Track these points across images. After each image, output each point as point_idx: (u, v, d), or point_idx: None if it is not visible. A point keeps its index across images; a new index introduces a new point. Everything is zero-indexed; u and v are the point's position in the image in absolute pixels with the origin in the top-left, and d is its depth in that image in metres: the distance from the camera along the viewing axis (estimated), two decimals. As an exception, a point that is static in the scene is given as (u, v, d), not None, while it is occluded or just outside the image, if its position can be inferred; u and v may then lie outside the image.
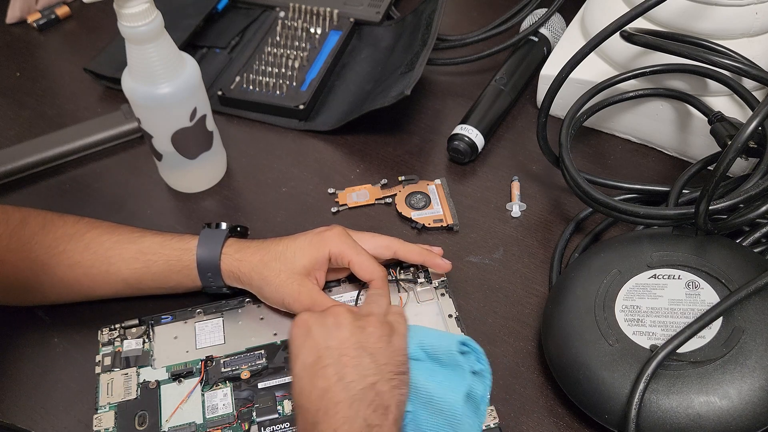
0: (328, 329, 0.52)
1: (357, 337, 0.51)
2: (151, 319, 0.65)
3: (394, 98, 0.74)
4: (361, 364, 0.50)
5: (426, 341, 0.53)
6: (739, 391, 0.52)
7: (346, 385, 0.49)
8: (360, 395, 0.48)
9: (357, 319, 0.53)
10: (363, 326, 0.52)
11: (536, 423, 0.58)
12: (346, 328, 0.52)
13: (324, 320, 0.52)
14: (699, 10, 0.67)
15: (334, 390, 0.48)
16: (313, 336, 0.52)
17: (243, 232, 0.68)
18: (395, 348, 0.52)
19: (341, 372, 0.49)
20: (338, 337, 0.51)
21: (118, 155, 0.82)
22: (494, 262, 0.69)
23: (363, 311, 0.55)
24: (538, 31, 0.83)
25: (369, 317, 0.53)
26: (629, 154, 0.77)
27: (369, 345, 0.51)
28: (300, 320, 0.53)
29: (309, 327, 0.52)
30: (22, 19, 0.99)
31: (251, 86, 0.84)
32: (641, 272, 0.60)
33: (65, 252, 0.62)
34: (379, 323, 0.53)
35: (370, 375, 0.49)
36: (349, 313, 0.53)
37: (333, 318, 0.52)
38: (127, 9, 0.62)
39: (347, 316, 0.53)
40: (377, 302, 0.56)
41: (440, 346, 0.53)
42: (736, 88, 0.67)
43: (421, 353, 0.53)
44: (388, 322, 0.54)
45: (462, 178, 0.76)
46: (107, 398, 0.59)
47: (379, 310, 0.55)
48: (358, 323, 0.52)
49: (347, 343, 0.51)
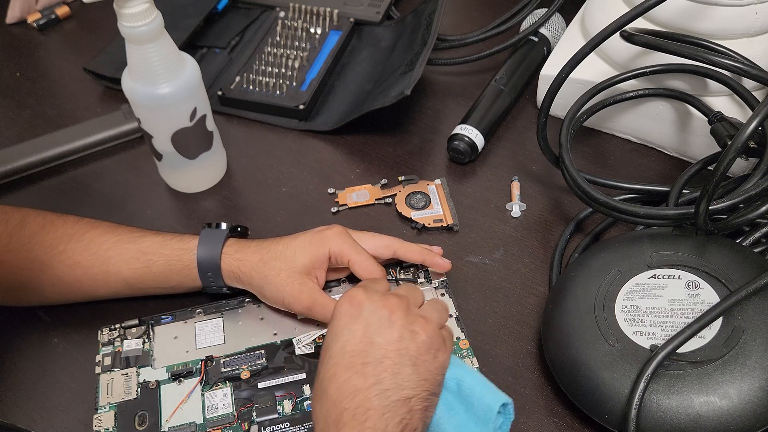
0: (380, 322, 0.49)
1: (405, 343, 0.48)
2: (151, 319, 0.65)
3: (394, 98, 0.74)
4: (401, 372, 0.47)
5: (467, 379, 0.50)
6: (739, 391, 0.52)
7: (381, 392, 0.46)
8: (393, 407, 0.46)
9: (411, 322, 0.50)
10: (415, 332, 0.49)
11: (536, 423, 0.58)
12: (397, 328, 0.49)
13: (379, 310, 0.49)
14: (699, 10, 0.67)
15: (367, 393, 0.46)
16: (362, 321, 0.49)
17: (243, 232, 0.68)
18: (438, 365, 0.49)
19: (380, 375, 0.47)
20: (387, 335, 0.48)
21: (118, 155, 0.82)
22: (494, 262, 0.69)
23: (422, 312, 0.51)
24: (538, 31, 0.83)
25: (425, 324, 0.50)
26: (629, 154, 0.77)
27: (414, 354, 0.48)
28: (355, 298, 0.50)
29: (361, 310, 0.50)
30: (22, 19, 0.99)
31: (251, 86, 0.84)
32: (641, 272, 0.60)
33: (65, 252, 0.62)
34: (433, 333, 0.50)
35: (408, 388, 0.47)
36: (405, 312, 0.50)
37: (388, 311, 0.49)
38: (127, 9, 0.62)
39: (402, 315, 0.49)
40: (440, 310, 0.53)
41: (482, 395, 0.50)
42: (736, 88, 0.67)
43: (454, 385, 0.50)
44: (441, 334, 0.51)
45: (462, 178, 0.76)
46: (107, 398, 0.59)
47: (437, 318, 0.52)
48: (411, 326, 0.49)
49: (393, 346, 0.48)
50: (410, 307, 0.51)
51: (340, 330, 0.50)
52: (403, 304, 0.51)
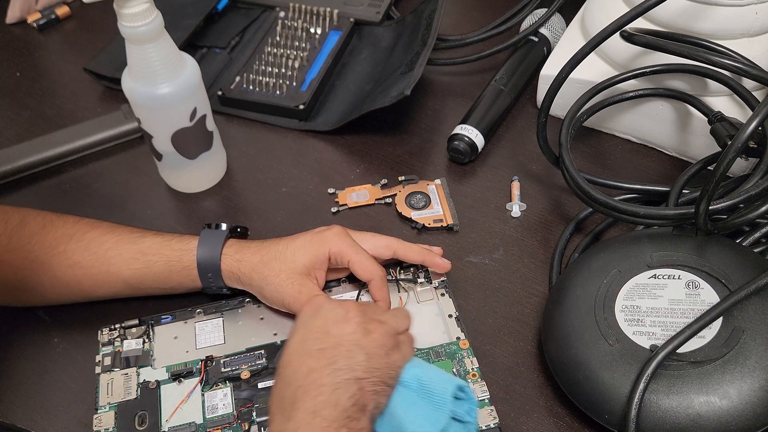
0: (336, 318, 0.52)
1: (358, 336, 0.51)
2: (151, 319, 0.65)
3: (394, 98, 0.74)
4: (354, 357, 0.50)
5: (425, 376, 0.52)
6: (739, 391, 0.52)
7: (334, 371, 0.49)
8: (345, 384, 0.48)
9: (367, 321, 0.52)
10: (370, 330, 0.52)
11: (536, 423, 0.58)
12: (352, 324, 0.52)
13: (336, 309, 0.53)
14: (699, 10, 0.67)
15: (321, 372, 0.49)
16: (320, 317, 0.52)
17: (243, 232, 0.68)
18: (391, 361, 0.52)
19: (333, 358, 0.49)
20: (342, 329, 0.51)
21: (118, 155, 0.82)
22: (494, 262, 0.69)
23: (379, 317, 0.54)
24: (538, 31, 0.83)
25: (380, 325, 0.53)
26: (629, 154, 0.77)
27: (367, 347, 0.51)
28: (314, 301, 0.54)
29: (319, 308, 0.53)
30: (22, 19, 0.99)
31: (251, 86, 0.84)
32: (641, 272, 0.59)
33: (65, 252, 0.62)
34: (387, 334, 0.52)
35: (360, 371, 0.49)
36: (361, 313, 0.53)
37: (344, 311, 0.52)
38: (127, 9, 0.62)
39: (358, 314, 0.52)
40: (397, 317, 0.56)
41: (437, 383, 0.52)
42: (736, 88, 0.67)
43: (414, 383, 0.52)
44: (396, 338, 0.53)
45: (462, 178, 0.76)
46: (107, 398, 0.59)
47: (394, 324, 0.54)
48: (367, 326, 0.52)
49: (347, 338, 0.51)
50: (366, 311, 0.54)
51: (300, 325, 0.53)
52: (360, 307, 0.54)
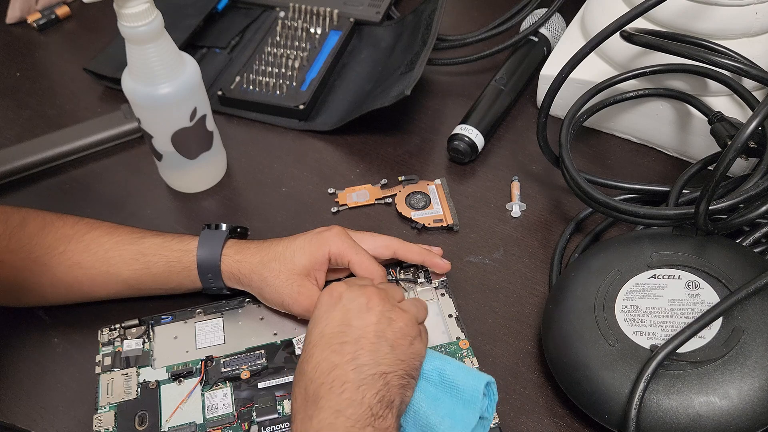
0: (359, 307, 0.50)
1: (382, 326, 0.50)
2: (151, 319, 0.65)
3: (394, 98, 0.74)
4: (378, 351, 0.48)
5: (447, 369, 0.52)
6: (739, 391, 0.52)
7: (358, 367, 0.47)
8: (370, 380, 0.47)
9: (389, 310, 0.51)
10: (393, 319, 0.51)
11: (536, 423, 0.58)
12: (375, 314, 0.50)
13: (357, 298, 0.51)
14: (699, 10, 0.67)
15: (345, 368, 0.47)
16: (340, 308, 0.51)
17: (243, 232, 0.68)
18: (415, 351, 0.50)
19: (357, 353, 0.48)
20: (365, 319, 0.50)
21: (118, 155, 0.82)
22: (494, 262, 0.69)
23: (401, 305, 0.53)
24: (538, 31, 0.83)
25: (403, 313, 0.52)
26: (629, 154, 0.77)
27: (391, 338, 0.50)
28: (334, 288, 0.52)
29: (340, 297, 0.51)
30: (22, 19, 0.99)
31: (251, 86, 0.84)
32: (641, 272, 0.59)
33: (65, 253, 0.62)
34: (410, 323, 0.51)
35: (384, 364, 0.48)
36: (384, 301, 0.51)
37: (366, 299, 0.51)
38: (127, 9, 0.62)
39: (380, 303, 0.51)
40: (418, 306, 0.55)
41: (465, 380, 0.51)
42: (736, 88, 0.67)
43: (435, 375, 0.52)
44: (418, 326, 0.52)
45: (462, 178, 0.76)
46: (107, 398, 0.59)
47: (415, 313, 0.53)
48: (390, 314, 0.51)
49: (371, 328, 0.49)
50: (388, 298, 0.52)
51: (319, 317, 0.51)
52: (381, 294, 0.52)
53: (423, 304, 0.56)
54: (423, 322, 0.55)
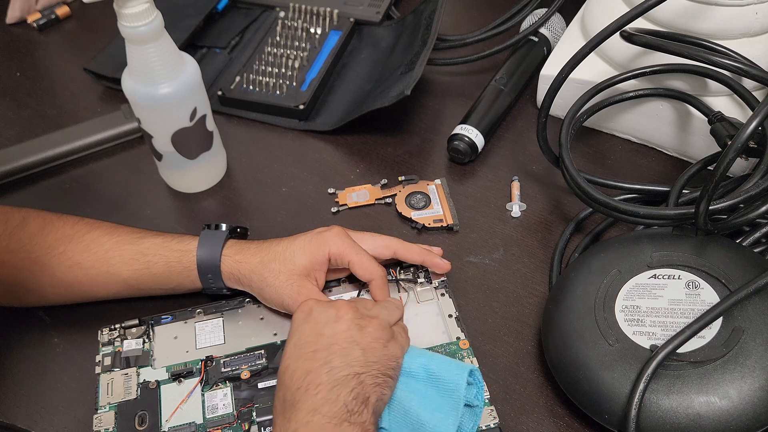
0: (328, 319, 0.53)
1: (352, 333, 0.52)
2: (151, 319, 0.65)
3: (394, 98, 0.74)
4: (350, 354, 0.51)
5: (433, 365, 0.53)
6: (739, 391, 0.52)
7: (331, 369, 0.50)
8: (343, 381, 0.49)
9: (359, 318, 0.53)
10: (363, 325, 0.53)
11: (536, 423, 0.58)
12: (344, 322, 0.53)
13: (326, 310, 0.54)
14: (699, 10, 0.67)
15: (318, 372, 0.49)
16: (311, 321, 0.53)
17: (243, 233, 0.68)
18: (389, 352, 0.52)
19: (328, 357, 0.50)
20: (335, 328, 0.52)
21: (118, 155, 0.82)
22: (494, 262, 0.69)
23: (370, 312, 0.55)
24: (538, 31, 0.83)
25: (372, 319, 0.54)
26: (629, 154, 0.77)
27: (363, 342, 0.52)
28: (305, 304, 0.55)
29: (310, 311, 0.54)
30: (22, 19, 0.99)
31: (251, 86, 0.84)
32: (641, 272, 0.59)
33: (65, 253, 0.62)
34: (380, 327, 0.54)
35: (357, 366, 0.50)
36: (353, 310, 0.54)
37: (335, 311, 0.53)
38: (127, 9, 0.62)
39: (350, 312, 0.53)
40: (389, 309, 0.57)
41: (449, 372, 0.53)
42: (736, 88, 0.67)
43: (422, 372, 0.53)
44: (390, 329, 0.54)
45: (462, 178, 0.76)
46: (107, 398, 0.59)
47: (386, 317, 0.56)
48: (359, 321, 0.53)
49: (341, 336, 0.52)
50: (357, 308, 0.55)
51: (293, 331, 0.54)
52: (350, 305, 0.54)
53: (396, 304, 0.59)
54: (399, 321, 0.57)
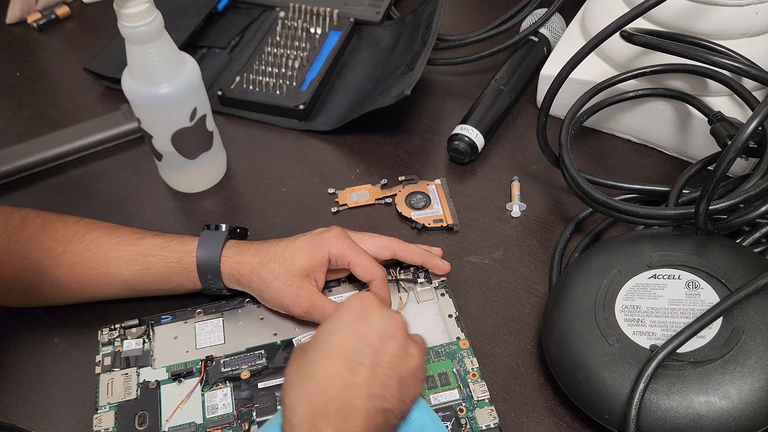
0: (386, 330, 0.50)
1: (399, 360, 0.50)
2: (151, 319, 0.65)
3: (394, 98, 0.74)
4: (389, 385, 0.48)
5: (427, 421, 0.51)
6: (739, 391, 0.52)
7: (370, 395, 0.47)
8: (374, 414, 0.47)
9: (409, 344, 0.51)
10: (411, 354, 0.51)
11: (536, 423, 0.58)
12: (398, 342, 0.50)
13: (386, 321, 0.50)
14: (699, 10, 0.67)
15: (357, 392, 0.47)
16: (368, 325, 0.50)
17: (243, 233, 0.67)
18: (414, 394, 0.51)
19: (370, 381, 0.48)
20: (387, 347, 0.49)
21: (118, 155, 0.82)
22: (494, 262, 0.69)
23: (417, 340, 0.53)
24: (538, 31, 0.83)
25: (418, 351, 0.51)
26: (629, 154, 0.77)
27: (403, 374, 0.49)
28: (369, 301, 0.51)
29: (370, 313, 0.50)
30: (22, 19, 0.99)
31: (251, 86, 0.84)
32: (641, 272, 0.59)
33: (65, 253, 0.62)
34: (422, 364, 0.51)
35: (389, 401, 0.48)
36: (405, 330, 0.51)
37: (393, 324, 0.50)
38: (127, 9, 0.62)
39: (402, 330, 0.51)
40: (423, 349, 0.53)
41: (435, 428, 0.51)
42: (736, 88, 0.67)
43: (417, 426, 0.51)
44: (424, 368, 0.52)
45: (462, 178, 0.76)
46: (107, 398, 0.60)
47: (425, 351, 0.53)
48: (408, 349, 0.51)
49: (389, 358, 0.49)
50: (406, 327, 0.52)
51: (346, 324, 0.50)
52: (405, 325, 0.52)
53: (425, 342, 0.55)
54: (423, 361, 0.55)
